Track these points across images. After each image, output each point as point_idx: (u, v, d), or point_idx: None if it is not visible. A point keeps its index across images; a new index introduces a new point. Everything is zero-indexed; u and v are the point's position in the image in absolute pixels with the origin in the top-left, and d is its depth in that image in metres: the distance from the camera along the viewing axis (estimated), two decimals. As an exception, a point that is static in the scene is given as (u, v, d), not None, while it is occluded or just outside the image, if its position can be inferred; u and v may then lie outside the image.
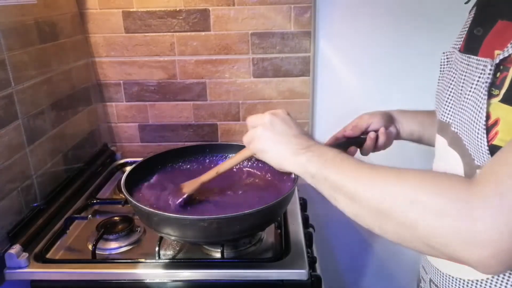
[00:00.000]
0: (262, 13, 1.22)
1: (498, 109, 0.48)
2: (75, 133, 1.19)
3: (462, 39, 0.63)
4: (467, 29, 0.62)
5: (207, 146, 1.09)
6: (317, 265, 0.91)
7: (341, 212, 0.56)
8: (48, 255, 0.88)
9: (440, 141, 0.63)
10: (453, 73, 0.60)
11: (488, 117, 0.49)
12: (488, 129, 0.49)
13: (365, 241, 1.48)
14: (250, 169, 1.03)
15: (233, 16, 1.23)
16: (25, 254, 0.84)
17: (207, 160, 1.08)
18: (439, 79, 0.68)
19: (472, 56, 0.55)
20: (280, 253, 0.86)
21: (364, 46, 1.27)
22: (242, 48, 1.26)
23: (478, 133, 0.51)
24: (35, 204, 0.97)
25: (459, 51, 0.61)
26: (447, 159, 0.60)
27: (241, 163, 0.93)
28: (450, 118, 0.60)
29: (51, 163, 1.05)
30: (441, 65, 0.68)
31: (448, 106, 0.61)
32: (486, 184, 0.43)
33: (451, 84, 0.60)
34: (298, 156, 0.61)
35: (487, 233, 0.41)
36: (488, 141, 0.49)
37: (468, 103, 0.53)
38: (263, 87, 1.30)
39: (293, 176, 0.92)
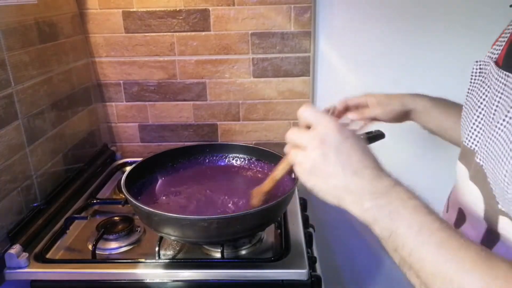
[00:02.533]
0: (262, 13, 1.22)
1: None
2: (75, 133, 1.19)
3: (501, 49, 0.53)
4: (506, 39, 0.52)
5: (207, 146, 1.09)
6: (317, 265, 0.91)
7: (341, 212, 0.51)
8: (48, 255, 0.88)
9: (462, 171, 0.55)
10: (486, 90, 0.51)
11: None
12: None
13: (365, 241, 1.48)
14: (250, 169, 1.03)
15: (233, 16, 1.23)
16: (25, 254, 0.84)
17: (207, 160, 1.08)
18: (468, 91, 0.58)
19: (511, 75, 0.46)
20: (280, 253, 0.86)
21: (364, 46, 1.27)
22: (242, 48, 1.26)
23: (506, 175, 0.42)
24: (35, 204, 0.97)
25: (496, 63, 0.51)
26: (467, 192, 0.53)
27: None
28: (476, 145, 0.51)
29: (51, 163, 1.05)
30: (472, 75, 0.56)
31: (475, 130, 0.51)
32: None
33: (481, 103, 0.51)
34: (361, 207, 0.46)
35: None
36: None
37: (500, 134, 0.44)
38: (263, 87, 1.30)
39: (293, 176, 0.92)
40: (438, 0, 1.21)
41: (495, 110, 0.47)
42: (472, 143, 0.52)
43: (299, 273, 0.81)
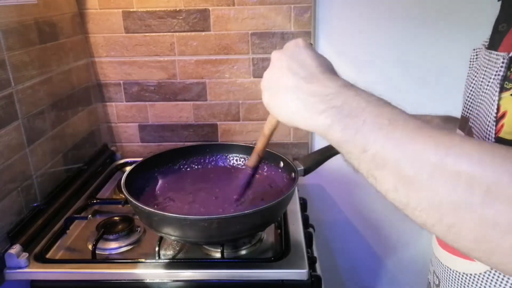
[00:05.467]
0: (262, 13, 1.22)
1: (508, 102, 0.46)
2: (75, 133, 1.19)
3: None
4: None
5: (207, 146, 1.09)
6: (317, 265, 0.91)
7: (341, 212, 0.51)
8: (48, 255, 0.88)
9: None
10: (477, 69, 0.59)
11: (498, 110, 0.47)
12: (496, 121, 0.46)
13: (365, 241, 1.48)
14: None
15: (233, 16, 1.23)
16: (25, 254, 0.84)
17: (207, 160, 1.08)
18: (467, 77, 0.63)
19: (493, 52, 0.53)
20: (280, 253, 0.86)
21: (364, 46, 1.27)
22: (242, 48, 1.26)
23: (488, 126, 0.48)
24: (35, 204, 0.97)
25: (486, 48, 0.58)
26: None
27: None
28: (468, 113, 0.58)
29: (51, 163, 1.05)
30: (470, 61, 0.62)
31: (468, 101, 0.58)
32: None
33: (473, 80, 0.59)
34: (316, 115, 0.43)
35: None
36: (495, 133, 0.47)
37: (483, 97, 0.52)
38: (263, 87, 1.30)
39: (293, 176, 0.92)
40: (439, 0, 1.21)
41: (482, 82, 0.53)
42: (466, 111, 0.57)
43: (299, 273, 0.81)
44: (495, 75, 0.49)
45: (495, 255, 0.34)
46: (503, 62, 0.48)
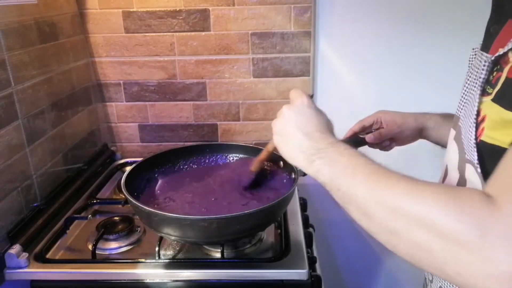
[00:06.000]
0: (262, 13, 1.22)
1: (488, 107, 0.49)
2: (75, 133, 1.19)
3: None
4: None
5: (207, 146, 1.09)
6: (317, 265, 0.91)
7: (341, 212, 0.54)
8: (48, 255, 0.88)
9: (451, 134, 0.64)
10: (472, 69, 0.60)
11: (478, 113, 0.50)
12: (477, 125, 0.50)
13: (365, 241, 1.48)
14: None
15: (233, 16, 1.23)
16: (25, 254, 0.84)
17: (207, 160, 1.08)
18: (465, 76, 0.67)
19: (484, 53, 0.55)
20: (280, 253, 0.86)
21: (364, 46, 1.27)
22: (242, 48, 1.26)
23: (470, 127, 0.51)
24: (35, 204, 0.97)
25: (480, 49, 0.61)
26: (451, 150, 0.61)
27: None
28: (460, 112, 0.60)
29: (51, 163, 1.05)
30: (469, 61, 0.66)
31: (461, 101, 0.61)
32: (505, 208, 0.39)
33: (468, 80, 0.61)
34: (309, 164, 0.58)
35: (509, 266, 0.37)
36: (476, 137, 0.50)
37: (470, 98, 0.54)
38: (263, 87, 1.30)
39: (293, 176, 0.92)
40: (438, 0, 1.21)
41: (473, 82, 0.56)
42: (459, 111, 0.61)
43: (299, 273, 0.81)
44: (480, 77, 0.52)
45: (428, 262, 0.44)
46: (484, 65, 0.51)
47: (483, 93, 0.50)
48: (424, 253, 0.43)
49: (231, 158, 1.08)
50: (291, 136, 0.62)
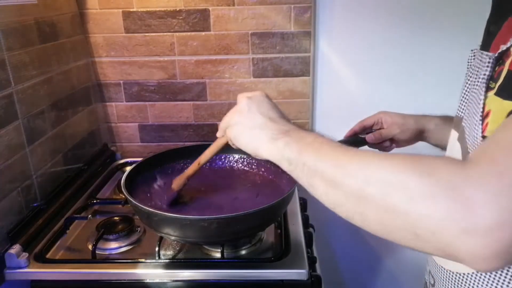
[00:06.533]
0: (262, 13, 1.22)
1: (492, 101, 0.49)
2: (75, 133, 1.19)
3: None
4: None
5: (207, 146, 1.09)
6: (317, 265, 0.91)
7: None
8: (48, 255, 0.88)
9: (452, 135, 0.63)
10: (472, 69, 0.61)
11: (483, 109, 0.50)
12: (482, 121, 0.50)
13: (365, 241, 1.48)
14: (250, 169, 1.03)
15: (233, 16, 1.23)
16: (25, 254, 0.84)
17: (207, 160, 1.07)
18: (464, 77, 0.66)
19: (484, 52, 0.55)
20: (280, 253, 0.86)
21: (364, 46, 1.27)
22: (242, 48, 1.26)
23: (475, 125, 0.51)
24: (35, 204, 0.97)
25: (480, 48, 0.61)
26: (452, 152, 0.61)
27: (222, 155, 0.91)
28: (462, 113, 0.60)
29: (51, 163, 1.05)
30: (468, 62, 0.65)
31: (462, 101, 0.61)
32: (482, 164, 0.38)
33: (468, 80, 0.61)
34: (274, 142, 0.58)
35: (485, 218, 0.36)
36: (482, 132, 0.50)
37: (473, 97, 0.54)
38: (263, 87, 1.30)
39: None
40: (438, 0, 1.21)
41: (474, 82, 0.56)
42: (460, 111, 0.60)
43: (299, 273, 0.81)
44: (483, 75, 0.52)
45: (393, 232, 0.44)
46: (489, 62, 0.50)
47: (487, 89, 0.50)
48: (393, 215, 0.42)
49: (231, 158, 1.08)
50: (254, 122, 0.62)
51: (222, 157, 1.08)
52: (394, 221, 0.42)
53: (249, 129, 0.62)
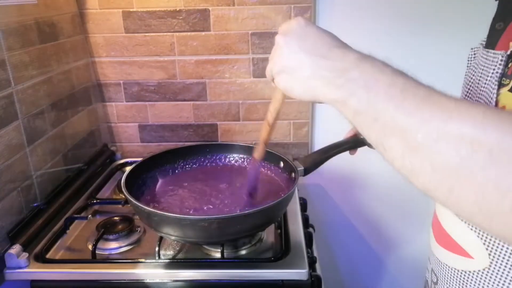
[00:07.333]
0: (262, 13, 1.22)
1: (506, 98, 0.48)
2: (75, 133, 1.19)
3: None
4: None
5: (207, 146, 1.09)
6: (317, 265, 0.91)
7: (341, 212, 0.53)
8: (48, 255, 0.88)
9: None
10: (475, 68, 0.59)
11: (496, 105, 0.49)
12: None
13: (365, 241, 1.48)
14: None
15: (233, 16, 1.23)
16: (25, 254, 0.84)
17: (207, 160, 1.08)
18: (465, 75, 0.64)
19: (490, 50, 0.54)
20: (280, 253, 0.86)
21: (364, 46, 1.26)
22: (242, 48, 1.26)
23: None
24: (35, 204, 0.97)
25: (484, 46, 0.59)
26: None
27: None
28: None
29: (51, 163, 1.05)
30: (468, 61, 0.63)
31: (465, 99, 0.59)
32: None
33: (471, 78, 0.59)
34: (335, 89, 0.44)
35: None
36: None
37: (481, 95, 0.53)
38: (263, 87, 1.30)
39: (293, 176, 0.92)
40: (438, 1, 1.21)
41: (479, 80, 0.54)
42: None
43: (299, 273, 0.81)
44: (493, 72, 0.51)
45: (495, 217, 0.34)
46: (501, 60, 0.49)
47: (499, 86, 0.49)
48: (500, 196, 0.33)
49: (231, 158, 1.08)
50: (299, 65, 0.48)
51: (223, 157, 1.08)
52: (500, 202, 0.33)
53: (297, 76, 0.49)
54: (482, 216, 0.35)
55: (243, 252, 0.90)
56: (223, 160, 1.08)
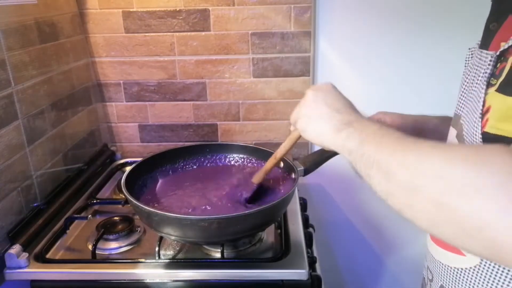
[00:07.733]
0: (262, 13, 1.22)
1: (493, 97, 0.49)
2: (75, 133, 1.19)
3: None
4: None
5: (207, 146, 1.09)
6: (317, 265, 0.91)
7: (341, 212, 0.55)
8: (48, 255, 0.88)
9: (452, 133, 0.64)
10: (470, 68, 0.61)
11: (483, 105, 0.51)
12: (482, 116, 0.50)
13: (365, 241, 1.48)
14: (250, 169, 1.03)
15: (233, 16, 1.23)
16: (25, 254, 0.84)
17: (207, 160, 1.08)
18: (462, 75, 0.67)
19: (483, 51, 0.56)
20: (280, 253, 0.86)
21: (364, 46, 1.27)
22: (242, 48, 1.26)
23: (475, 122, 0.51)
24: (35, 204, 0.97)
25: (479, 47, 0.61)
26: None
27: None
28: (461, 111, 0.60)
29: (51, 163, 1.05)
30: (465, 61, 0.66)
31: (461, 99, 0.61)
32: None
33: (466, 79, 0.61)
34: (338, 133, 0.58)
35: None
36: (481, 128, 0.50)
37: (472, 95, 0.54)
38: (263, 87, 1.30)
39: (293, 176, 0.92)
40: (438, 1, 1.21)
41: (472, 80, 0.57)
42: (458, 109, 0.61)
43: (299, 273, 0.81)
44: (483, 73, 0.53)
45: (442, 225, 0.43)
46: (491, 61, 0.51)
47: (488, 86, 0.51)
48: (442, 210, 0.41)
49: (231, 158, 1.08)
50: (320, 113, 0.63)
51: (223, 157, 1.08)
52: (442, 215, 0.41)
53: (315, 121, 0.63)
54: (432, 229, 0.45)
55: (243, 252, 0.90)
56: (223, 160, 1.08)
